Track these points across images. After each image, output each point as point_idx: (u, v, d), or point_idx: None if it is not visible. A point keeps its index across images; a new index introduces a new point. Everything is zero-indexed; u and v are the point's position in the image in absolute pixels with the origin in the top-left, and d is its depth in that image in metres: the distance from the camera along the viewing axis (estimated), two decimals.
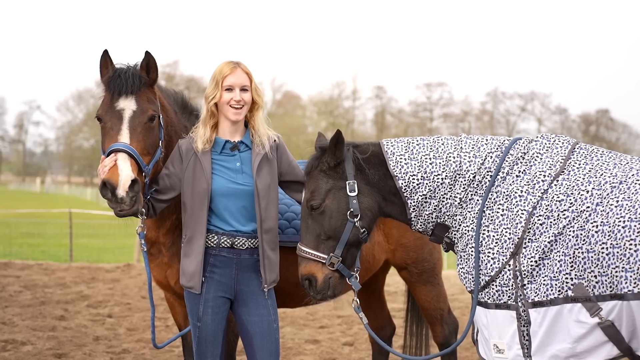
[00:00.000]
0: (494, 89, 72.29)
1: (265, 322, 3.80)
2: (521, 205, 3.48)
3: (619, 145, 58.88)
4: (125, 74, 3.77)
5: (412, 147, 3.73)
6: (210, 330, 3.77)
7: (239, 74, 3.77)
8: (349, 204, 3.64)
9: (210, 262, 3.78)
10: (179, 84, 56.11)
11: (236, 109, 3.76)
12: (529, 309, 3.38)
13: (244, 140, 3.85)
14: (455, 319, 5.32)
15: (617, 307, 3.22)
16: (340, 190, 3.65)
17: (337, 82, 68.27)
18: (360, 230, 3.64)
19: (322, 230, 3.64)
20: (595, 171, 3.47)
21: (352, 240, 3.65)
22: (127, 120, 3.71)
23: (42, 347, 7.01)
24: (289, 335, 8.12)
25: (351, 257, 3.70)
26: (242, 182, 3.78)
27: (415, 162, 3.67)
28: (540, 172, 3.54)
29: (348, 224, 3.62)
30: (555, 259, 3.36)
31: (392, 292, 10.93)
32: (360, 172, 3.70)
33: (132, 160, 3.62)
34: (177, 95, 4.35)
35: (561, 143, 3.64)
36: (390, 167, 3.67)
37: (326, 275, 3.63)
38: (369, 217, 3.69)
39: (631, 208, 3.25)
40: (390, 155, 3.70)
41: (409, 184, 3.65)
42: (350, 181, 3.65)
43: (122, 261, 14.98)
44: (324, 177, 3.70)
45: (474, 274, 3.54)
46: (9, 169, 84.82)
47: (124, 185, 3.55)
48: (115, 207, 3.61)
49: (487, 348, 3.55)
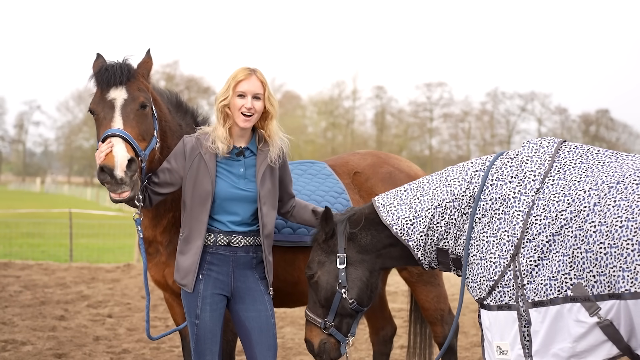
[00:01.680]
0: (494, 89, 72.28)
1: (263, 317, 3.83)
2: (516, 206, 3.53)
3: (619, 145, 58.87)
4: (113, 67, 3.82)
5: (400, 195, 3.91)
6: (209, 328, 3.77)
7: (253, 81, 3.77)
8: (338, 276, 3.82)
9: (208, 260, 3.79)
10: (179, 84, 56.15)
11: (246, 116, 3.76)
12: (529, 308, 3.40)
13: (250, 146, 3.86)
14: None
15: (615, 306, 3.23)
16: (332, 263, 3.85)
17: (337, 82, 68.23)
18: (348, 301, 3.81)
19: (317, 298, 3.89)
20: (592, 170, 3.49)
21: (341, 311, 3.84)
22: (119, 108, 3.74)
23: (42, 347, 7.01)
24: (289, 335, 8.12)
25: (346, 325, 3.91)
26: (244, 187, 3.80)
27: (405, 207, 3.82)
28: (530, 172, 3.60)
29: (337, 295, 3.83)
30: (554, 259, 3.38)
31: (392, 292, 10.93)
32: (352, 242, 3.88)
33: (127, 144, 3.62)
34: (171, 95, 4.38)
35: (547, 143, 3.72)
36: (382, 218, 3.83)
37: (322, 340, 3.89)
38: (359, 287, 3.84)
39: (628, 208, 3.26)
40: (382, 208, 3.87)
41: (404, 227, 3.78)
42: (340, 254, 3.83)
43: (122, 261, 14.98)
44: (318, 249, 3.92)
45: (478, 282, 3.59)
46: (9, 169, 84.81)
47: (122, 165, 3.54)
48: (116, 190, 3.59)
49: (491, 350, 3.57)
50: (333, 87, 66.67)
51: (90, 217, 20.45)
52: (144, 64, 3.97)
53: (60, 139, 74.68)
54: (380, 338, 5.68)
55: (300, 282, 4.53)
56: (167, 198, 4.15)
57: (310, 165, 4.93)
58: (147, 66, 3.98)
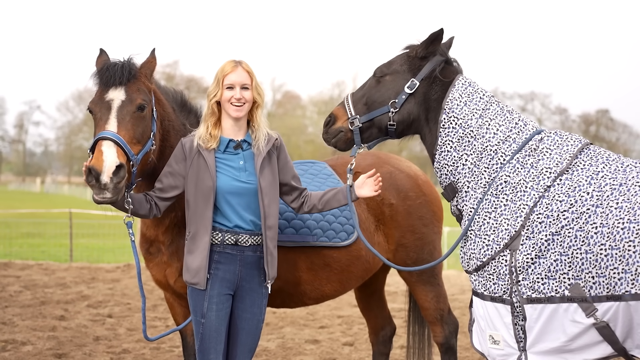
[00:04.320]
0: (494, 89, 72.16)
1: (255, 320, 3.89)
2: (524, 200, 3.53)
3: (619, 145, 58.83)
4: (114, 67, 3.83)
5: (474, 97, 3.76)
6: (214, 327, 3.80)
7: (240, 72, 3.84)
8: (398, 95, 3.79)
9: (215, 259, 3.82)
10: (179, 84, 56.07)
11: (237, 106, 3.83)
12: (524, 304, 3.43)
13: (247, 139, 3.90)
14: (455, 319, 5.32)
15: (612, 308, 3.25)
16: (404, 80, 3.80)
17: (337, 82, 68.10)
18: (390, 120, 3.80)
19: (368, 94, 3.87)
20: (597, 173, 3.48)
21: (377, 123, 3.83)
22: (116, 110, 3.75)
23: (42, 347, 7.01)
24: (289, 335, 8.12)
25: (369, 135, 3.88)
26: (245, 180, 3.83)
27: (466, 108, 3.73)
28: (546, 169, 3.57)
29: (384, 108, 3.81)
30: (552, 259, 3.39)
31: (392, 292, 10.92)
32: (427, 81, 3.80)
33: (119, 148, 3.63)
34: (177, 94, 4.40)
35: (572, 141, 3.65)
36: (446, 100, 3.74)
37: (342, 126, 3.88)
38: (405, 117, 3.81)
39: (630, 210, 3.27)
40: (453, 90, 3.76)
41: (447, 123, 3.72)
42: (415, 81, 3.78)
43: (122, 261, 14.97)
44: (404, 58, 3.86)
45: (468, 256, 3.64)
46: (9, 169, 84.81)
47: (108, 171, 3.56)
48: (98, 194, 3.61)
49: (483, 339, 3.61)
50: (333, 87, 66.64)
51: (90, 217, 20.40)
52: (148, 63, 3.98)
53: (60, 139, 74.72)
54: (379, 338, 5.68)
55: (302, 283, 4.54)
56: None
57: (311, 165, 4.94)
58: (150, 66, 3.98)
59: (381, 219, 4.91)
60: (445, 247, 16.66)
